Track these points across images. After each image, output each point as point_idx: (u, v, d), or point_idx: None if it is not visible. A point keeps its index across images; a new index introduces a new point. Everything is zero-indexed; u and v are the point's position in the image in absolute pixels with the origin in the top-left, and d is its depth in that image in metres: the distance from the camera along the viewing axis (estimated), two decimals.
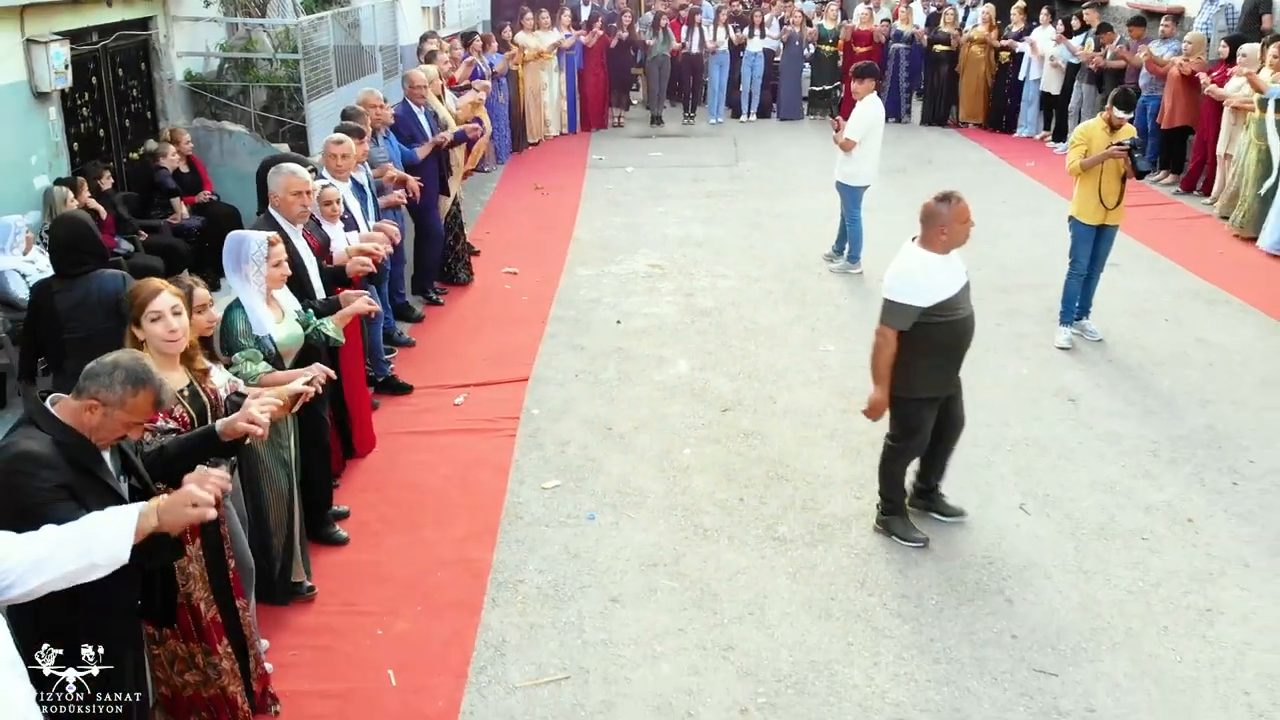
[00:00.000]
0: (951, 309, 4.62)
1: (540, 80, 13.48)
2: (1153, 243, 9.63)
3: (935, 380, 4.76)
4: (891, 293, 4.64)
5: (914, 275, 4.60)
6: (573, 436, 6.11)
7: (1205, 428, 6.11)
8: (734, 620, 4.46)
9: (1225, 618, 4.44)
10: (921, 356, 4.65)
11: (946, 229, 4.59)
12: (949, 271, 4.65)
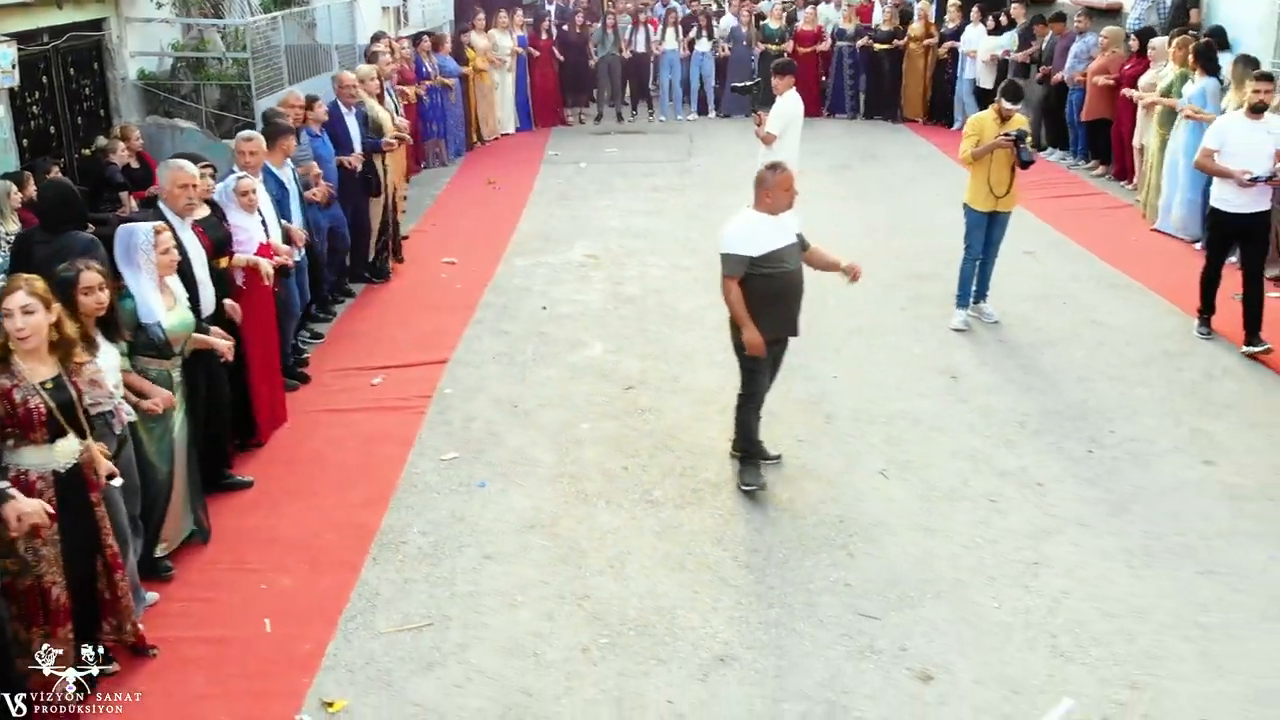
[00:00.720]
0: (777, 262, 5.25)
1: (493, 79, 13.79)
2: (1071, 231, 9.99)
3: (766, 328, 5.30)
4: (725, 245, 5.28)
5: (744, 229, 5.27)
6: (479, 413, 6.46)
7: (1077, 402, 6.46)
8: (595, 573, 4.81)
9: (1051, 570, 4.79)
10: (753, 307, 5.24)
11: (771, 194, 5.27)
12: (777, 230, 5.29)
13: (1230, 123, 7.10)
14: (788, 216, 5.36)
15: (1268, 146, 6.84)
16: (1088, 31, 12.03)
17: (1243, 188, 6.84)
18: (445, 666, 4.19)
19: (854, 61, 15.43)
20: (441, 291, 8.71)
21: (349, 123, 7.80)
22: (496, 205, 11.52)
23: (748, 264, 5.21)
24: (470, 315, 8.15)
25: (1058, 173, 12.28)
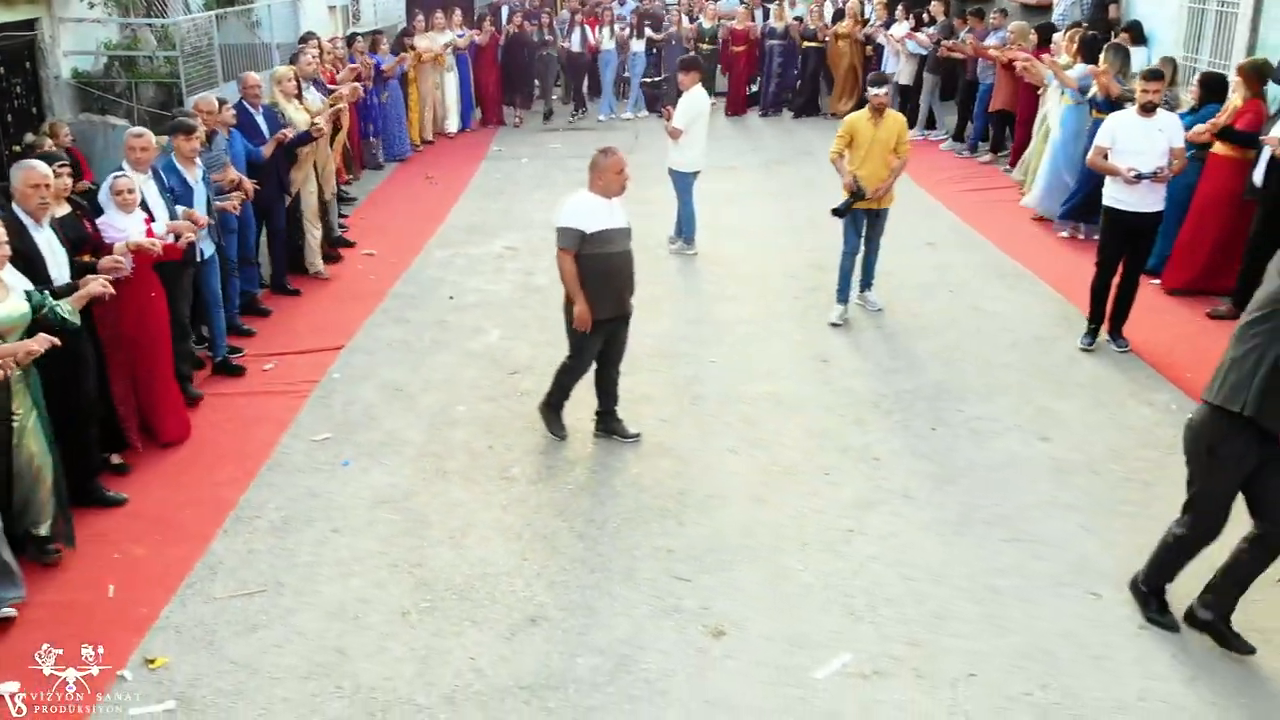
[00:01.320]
0: (608, 242, 5.64)
1: (435, 79, 14.00)
2: (975, 221, 10.24)
3: (598, 308, 5.66)
4: (559, 220, 5.68)
5: (578, 207, 5.68)
6: (361, 397, 6.69)
7: (935, 384, 6.70)
8: (434, 544, 5.04)
9: (865, 538, 5.03)
10: (585, 286, 5.63)
11: (603, 176, 5.68)
12: (609, 212, 5.71)
13: (1121, 120, 6.93)
14: (619, 202, 5.77)
15: (1160, 144, 6.71)
16: (1002, 27, 12.28)
17: (1129, 185, 6.71)
18: (269, 629, 4.42)
19: (784, 60, 15.66)
20: (354, 282, 8.94)
21: (258, 122, 7.93)
22: (428, 200, 11.75)
23: (581, 238, 5.57)
24: (377, 304, 8.38)
25: (968, 165, 12.55)
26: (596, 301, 5.66)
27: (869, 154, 7.44)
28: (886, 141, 7.41)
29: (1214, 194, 7.83)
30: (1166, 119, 6.85)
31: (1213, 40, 10.53)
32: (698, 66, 9.38)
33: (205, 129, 6.98)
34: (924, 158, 13.21)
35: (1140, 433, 5.98)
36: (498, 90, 15.49)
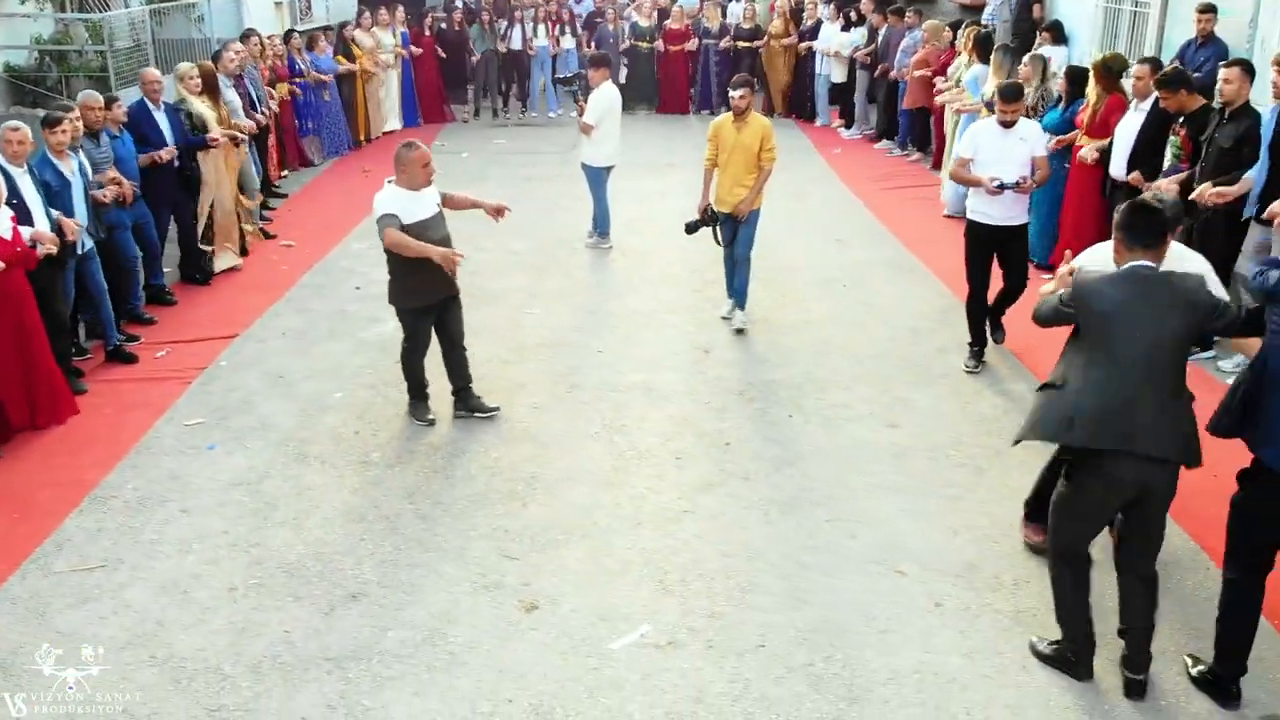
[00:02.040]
0: (422, 231, 5.75)
1: (377, 78, 14.12)
2: (886, 218, 10.43)
3: (419, 292, 5.95)
4: (376, 212, 5.76)
5: (389, 200, 5.78)
6: (243, 384, 6.84)
7: (803, 374, 6.86)
8: (276, 525, 5.19)
9: (695, 517, 5.19)
10: (405, 272, 5.85)
11: (407, 170, 5.83)
12: (419, 204, 5.84)
13: (982, 130, 6.78)
14: (429, 192, 5.93)
15: (1022, 153, 6.57)
16: (916, 26, 12.45)
17: (991, 196, 6.54)
18: (99, 601, 4.57)
19: (720, 59, 15.85)
20: (264, 273, 9.08)
21: (158, 119, 8.00)
22: (361, 193, 11.74)
23: (399, 222, 5.68)
24: (282, 294, 8.54)
25: (897, 164, 12.74)
26: (422, 287, 5.91)
27: (731, 159, 7.25)
28: (749, 146, 7.19)
29: (1082, 189, 8.00)
30: (1028, 128, 6.73)
31: (1126, 39, 10.72)
32: (606, 63, 9.56)
33: (93, 126, 7.10)
34: (855, 156, 13.46)
35: (988, 421, 6.15)
36: (438, 88, 15.60)
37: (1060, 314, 3.99)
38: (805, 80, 15.35)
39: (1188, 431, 3.82)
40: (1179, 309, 3.73)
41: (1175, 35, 9.84)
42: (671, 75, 16.29)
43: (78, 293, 6.81)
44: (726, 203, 7.38)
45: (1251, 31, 8.74)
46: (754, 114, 7.35)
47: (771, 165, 7.32)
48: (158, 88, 8.08)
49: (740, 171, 7.28)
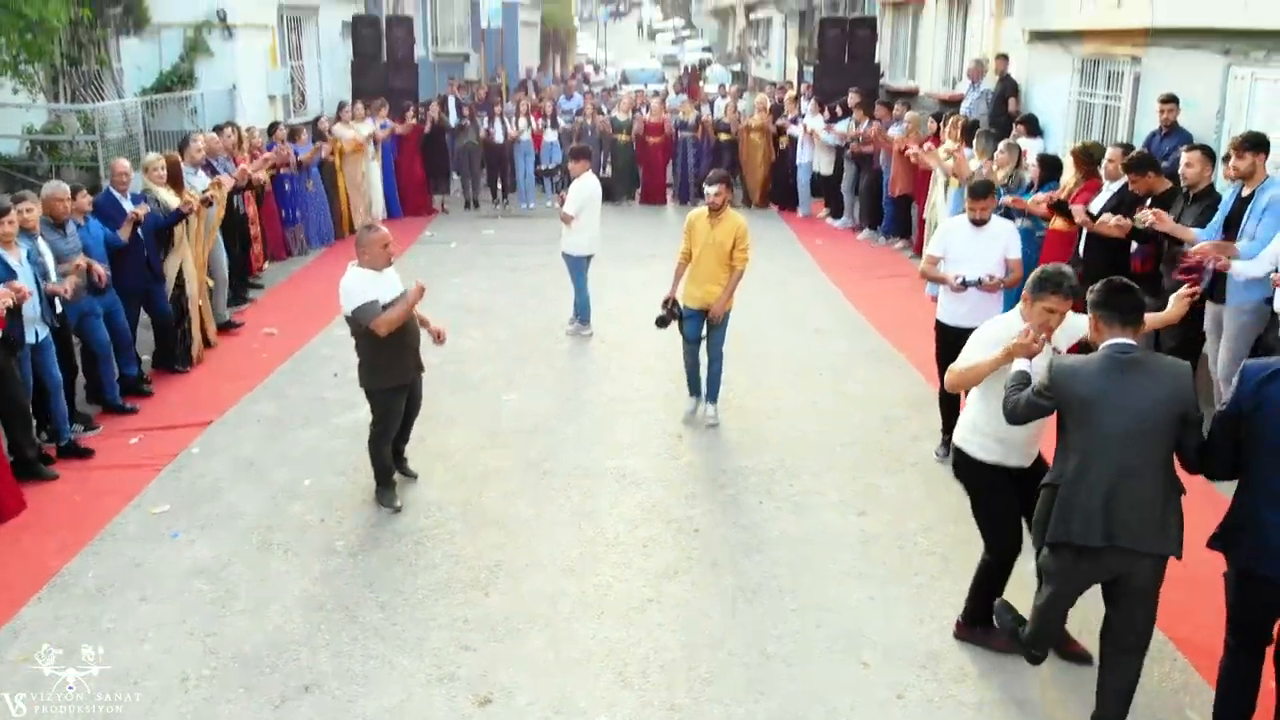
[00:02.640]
0: None
1: (359, 169, 14.32)
2: (865, 308, 10.53)
3: (393, 372, 6.10)
4: (352, 301, 5.88)
5: (357, 283, 5.91)
6: (213, 471, 6.82)
7: (776, 460, 6.85)
8: (236, 613, 5.13)
9: (659, 606, 5.14)
10: (379, 353, 6.01)
11: (368, 251, 5.99)
12: (383, 284, 5.99)
13: (954, 228, 6.63)
14: (390, 272, 6.11)
15: (993, 253, 6.38)
16: (900, 119, 12.75)
17: (956, 292, 6.41)
18: (48, 690, 4.49)
19: (697, 151, 16.24)
20: (244, 361, 9.11)
21: (126, 208, 8.05)
22: None
23: (380, 307, 5.83)
24: (259, 381, 8.55)
25: (879, 254, 12.91)
26: (394, 368, 6.06)
27: (703, 254, 7.15)
28: (722, 243, 7.08)
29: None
30: (1000, 228, 6.55)
31: (1100, 131, 10.94)
32: (587, 155, 9.74)
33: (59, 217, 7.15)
34: (837, 246, 13.63)
35: (956, 509, 6.06)
36: (421, 180, 15.84)
37: (1036, 406, 3.93)
38: (786, 172, 15.63)
39: (1173, 523, 3.75)
40: (1161, 395, 3.69)
41: (1145, 127, 10.04)
42: (650, 166, 16.61)
43: (35, 388, 6.76)
44: (696, 298, 7.27)
45: (1219, 123, 8.93)
46: (730, 211, 7.23)
47: (744, 266, 7.22)
48: (126, 179, 8.14)
49: (713, 268, 7.19)
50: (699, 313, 7.31)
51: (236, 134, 11.28)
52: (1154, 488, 3.73)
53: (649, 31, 64.00)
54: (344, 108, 14.49)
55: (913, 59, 17.52)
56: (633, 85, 31.51)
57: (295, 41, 16.61)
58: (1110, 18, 10.00)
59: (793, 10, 28.55)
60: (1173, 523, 3.75)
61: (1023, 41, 12.46)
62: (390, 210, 15.28)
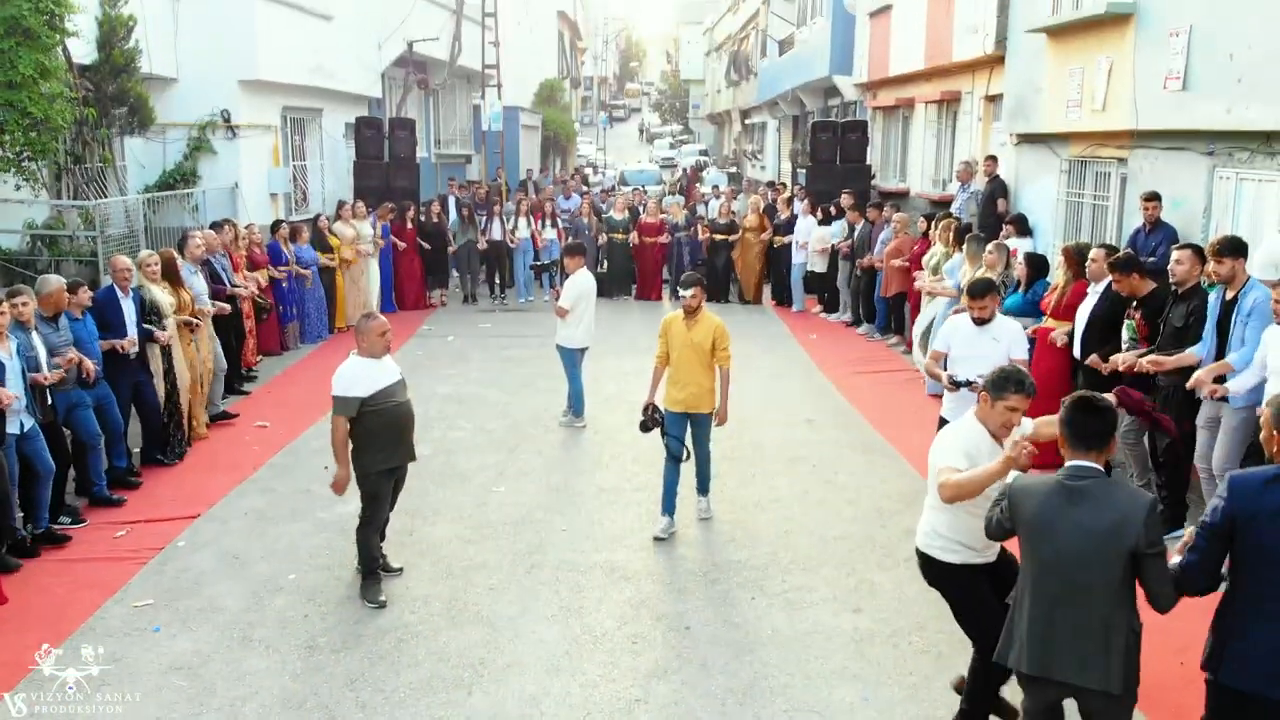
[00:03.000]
0: (386, 398, 6.06)
1: (357, 266, 14.47)
2: (857, 400, 10.54)
3: (383, 457, 6.12)
4: (335, 389, 6.01)
5: (351, 373, 6.03)
6: (197, 565, 6.72)
7: (767, 555, 6.77)
8: (211, 711, 5.00)
9: (645, 707, 5.01)
10: (371, 439, 6.04)
11: (365, 339, 6.11)
12: (380, 371, 6.11)
13: (957, 326, 6.55)
14: (389, 361, 6.23)
15: (994, 354, 6.11)
16: (891, 220, 12.95)
17: (949, 391, 6.36)
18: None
19: (692, 249, 16.56)
20: (235, 453, 9.06)
21: (124, 306, 8.08)
22: None
23: (359, 404, 5.97)
24: (249, 474, 8.49)
25: (872, 349, 13.00)
26: (388, 451, 6.14)
27: (682, 357, 7.02)
28: (701, 345, 6.95)
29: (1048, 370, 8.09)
30: (1002, 328, 6.41)
31: (1090, 229, 11.08)
32: (581, 252, 9.87)
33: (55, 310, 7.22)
34: (830, 341, 13.70)
35: None
36: (420, 277, 16.01)
37: (1001, 526, 3.86)
38: (781, 270, 15.85)
39: (1116, 659, 3.54)
40: (1103, 527, 3.51)
41: (1133, 225, 10.19)
42: (647, 264, 16.85)
43: (24, 474, 6.74)
44: (679, 400, 7.06)
45: (1205, 221, 9.06)
46: (705, 313, 7.09)
47: (729, 366, 7.10)
48: (127, 275, 8.23)
49: (694, 370, 7.02)
50: (681, 416, 7.11)
51: (234, 230, 11.41)
52: (1095, 619, 3.54)
53: (648, 136, 65.35)
54: (344, 206, 14.69)
55: (903, 161, 17.88)
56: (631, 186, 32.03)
57: (299, 141, 16.94)
58: (1095, 120, 10.22)
59: (786, 116, 29.23)
60: (1116, 658, 3.54)
61: (1010, 144, 12.71)
62: (384, 307, 15.35)
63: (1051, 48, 11.20)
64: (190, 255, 9.52)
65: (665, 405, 7.14)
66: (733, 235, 16.35)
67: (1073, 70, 10.65)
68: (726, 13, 45.02)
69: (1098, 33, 10.16)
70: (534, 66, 33.93)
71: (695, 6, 63.62)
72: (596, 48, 66.06)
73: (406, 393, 6.28)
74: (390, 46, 19.27)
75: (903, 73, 16.68)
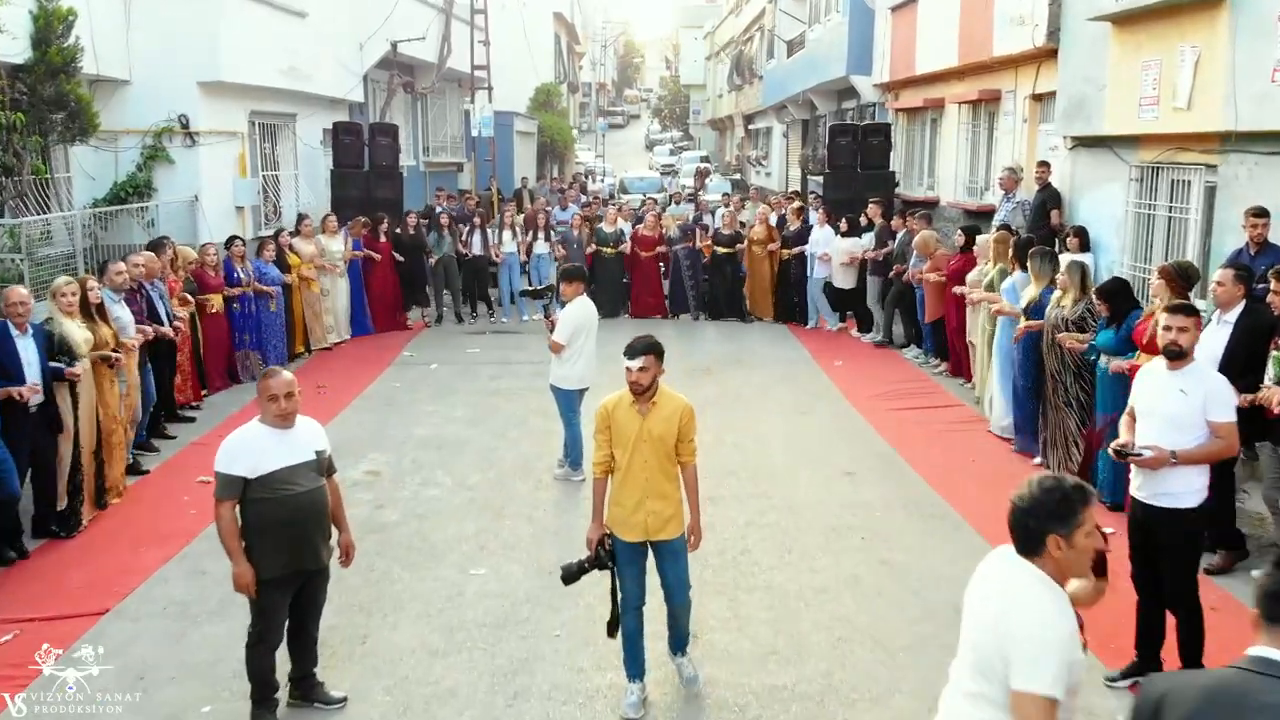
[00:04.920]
0: (280, 484, 4.61)
1: (321, 285, 12.95)
2: (903, 444, 9.11)
3: (273, 562, 4.66)
4: (217, 462, 4.65)
5: (239, 444, 4.67)
6: (91, 685, 5.23)
7: (821, 675, 5.29)
8: None
9: None
10: (258, 535, 4.64)
11: (259, 402, 4.71)
12: (280, 445, 4.66)
13: (1151, 370, 5.06)
14: (306, 431, 4.81)
15: (1184, 411, 4.70)
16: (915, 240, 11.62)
17: (1118, 460, 5.07)
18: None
19: (691, 264, 15.24)
20: (169, 517, 7.59)
21: (19, 346, 6.63)
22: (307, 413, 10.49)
23: (241, 485, 4.62)
24: (179, 548, 7.03)
25: (904, 377, 11.56)
26: (272, 555, 4.66)
27: (634, 459, 4.80)
28: (660, 439, 4.79)
29: None
30: (1200, 378, 4.79)
31: (1165, 247, 9.62)
32: (581, 277, 8.41)
33: None
34: (858, 367, 12.26)
35: None
36: (394, 295, 14.54)
37: None
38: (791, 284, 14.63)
39: None
40: None
41: (1221, 242, 8.74)
42: (644, 280, 15.53)
43: None
44: (635, 526, 4.84)
45: None
46: (665, 391, 4.90)
47: (694, 461, 4.95)
48: (21, 310, 6.74)
49: (653, 476, 4.80)
50: (637, 548, 4.90)
51: (173, 250, 9.92)
52: None
53: (647, 143, 64.05)
54: (304, 220, 13.16)
55: (931, 167, 16.43)
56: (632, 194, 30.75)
57: (270, 149, 15.48)
58: (1178, 121, 8.76)
59: (794, 120, 27.82)
60: None
61: (1064, 148, 11.26)
62: (356, 329, 13.89)
63: (1118, 38, 9.75)
64: (111, 283, 8.02)
65: (617, 531, 4.94)
66: (737, 247, 15.00)
67: (1147, 63, 9.20)
68: (729, 15, 43.72)
69: (1180, 18, 8.73)
70: (529, 70, 32.48)
71: (695, 10, 62.49)
72: (595, 53, 64.76)
73: (317, 478, 4.80)
74: (372, 47, 17.85)
75: (931, 71, 15.24)
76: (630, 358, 4.81)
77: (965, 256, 10.57)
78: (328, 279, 12.97)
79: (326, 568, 4.94)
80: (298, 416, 4.78)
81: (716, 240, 15.00)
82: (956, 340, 10.75)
